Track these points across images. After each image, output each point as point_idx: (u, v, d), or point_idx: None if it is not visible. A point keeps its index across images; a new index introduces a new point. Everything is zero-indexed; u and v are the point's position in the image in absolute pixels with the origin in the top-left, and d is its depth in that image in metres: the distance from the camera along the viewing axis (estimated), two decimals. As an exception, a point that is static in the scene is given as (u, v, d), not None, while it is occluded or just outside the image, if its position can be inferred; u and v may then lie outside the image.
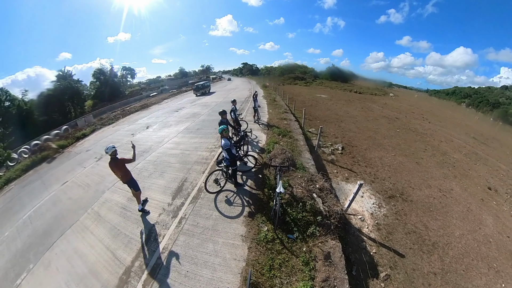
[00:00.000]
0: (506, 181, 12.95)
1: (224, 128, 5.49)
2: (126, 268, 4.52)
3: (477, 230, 7.35)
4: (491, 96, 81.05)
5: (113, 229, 5.66)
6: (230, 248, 4.52)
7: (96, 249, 5.21)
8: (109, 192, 7.42)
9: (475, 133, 28.41)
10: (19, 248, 5.94)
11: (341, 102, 31.19)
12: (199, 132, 12.17)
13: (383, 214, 6.75)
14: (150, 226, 5.52)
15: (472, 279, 5.37)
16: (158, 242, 4.96)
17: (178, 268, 4.28)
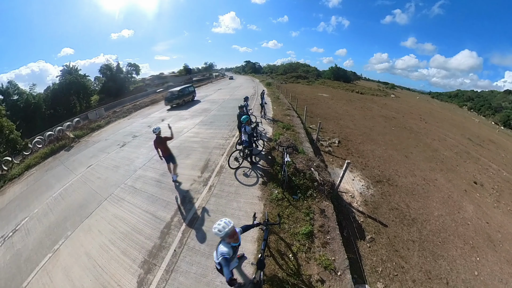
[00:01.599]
0: (495, 179, 14.02)
1: (248, 118, 7.22)
2: (166, 224, 5.65)
3: (456, 213, 8.51)
4: (493, 100, 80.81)
5: (151, 197, 6.83)
6: (250, 205, 5.88)
7: (136, 213, 6.25)
8: (141, 170, 8.68)
9: (471, 135, 29.29)
10: (53, 221, 6.77)
11: (341, 101, 32.34)
12: (213, 124, 13.58)
13: (370, 194, 8.04)
14: (185, 192, 6.83)
15: (448, 250, 6.43)
16: (193, 203, 6.24)
17: (211, 219, 5.52)
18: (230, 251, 2.71)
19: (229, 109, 17.83)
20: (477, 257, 6.45)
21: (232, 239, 2.76)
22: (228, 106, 19.04)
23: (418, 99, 72.30)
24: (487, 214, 9.06)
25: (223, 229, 2.68)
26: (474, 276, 5.79)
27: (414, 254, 5.88)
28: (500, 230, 8.12)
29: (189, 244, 4.97)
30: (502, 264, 6.44)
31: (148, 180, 7.87)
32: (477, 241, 7.15)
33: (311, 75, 72.49)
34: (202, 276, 4.24)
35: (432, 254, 6.04)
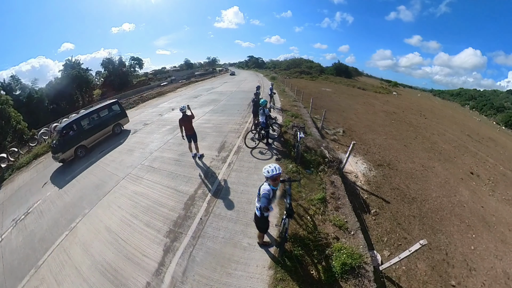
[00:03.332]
0: (491, 171, 14.72)
1: (266, 102, 8.14)
2: (190, 196, 5.94)
3: (452, 196, 9.21)
4: (496, 100, 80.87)
5: (171, 174, 7.13)
6: None
7: (156, 189, 6.46)
8: (157, 152, 9.05)
9: (471, 132, 29.72)
10: (68, 202, 6.85)
11: (344, 95, 32.96)
12: (224, 112, 14.29)
13: (372, 175, 8.74)
14: (206, 168, 7.33)
15: (446, 226, 7.12)
16: (215, 176, 6.73)
17: (235, 189, 6.03)
18: (271, 192, 3.31)
19: (238, 99, 18.45)
20: (473, 234, 7.09)
21: (273, 183, 3.28)
22: (237, 97, 19.68)
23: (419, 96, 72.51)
24: (482, 200, 9.72)
25: (272, 172, 3.19)
26: (471, 250, 6.43)
27: (415, 228, 6.57)
28: (494, 214, 8.78)
29: (215, 212, 5.27)
30: (497, 243, 7.06)
31: (166, 160, 8.24)
32: (473, 221, 7.80)
33: (314, 70, 72.76)
34: (230, 239, 4.50)
35: (431, 229, 6.73)
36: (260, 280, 3.75)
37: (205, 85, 33.43)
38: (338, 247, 4.04)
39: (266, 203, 3.22)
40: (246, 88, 26.77)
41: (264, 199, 3.22)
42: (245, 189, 6.04)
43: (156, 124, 13.40)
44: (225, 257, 4.18)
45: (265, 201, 3.22)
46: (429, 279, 5.04)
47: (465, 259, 6.01)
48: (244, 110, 14.32)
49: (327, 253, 4.03)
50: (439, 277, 5.20)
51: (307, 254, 4.07)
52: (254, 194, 5.61)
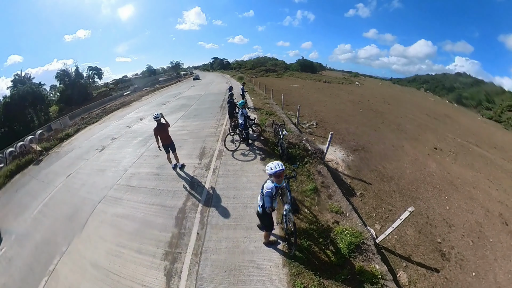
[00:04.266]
0: (451, 145, 16.58)
1: (244, 102, 7.95)
2: (179, 209, 5.47)
3: (423, 169, 10.21)
4: (446, 82, 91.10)
5: (153, 190, 6.43)
6: (257, 177, 6.32)
7: (140, 209, 5.76)
8: (133, 168, 8.10)
9: (429, 112, 32.88)
10: (40, 241, 5.72)
11: (311, 90, 34.12)
12: (198, 117, 13.74)
13: (351, 160, 9.13)
14: (190, 178, 6.85)
15: (422, 193, 8.04)
16: (202, 185, 6.35)
17: (226, 195, 5.76)
18: (274, 189, 3.24)
19: (209, 102, 18.05)
20: (445, 196, 8.11)
21: (277, 180, 3.21)
22: (207, 100, 19.23)
23: (380, 85, 77.65)
24: (447, 168, 10.97)
25: (275, 168, 3.13)
26: (446, 210, 7.31)
27: (397, 200, 7.13)
28: (459, 177, 10.04)
29: (211, 223, 4.95)
30: (466, 200, 8.19)
31: (144, 176, 7.45)
32: (443, 186, 8.86)
33: (279, 68, 74.44)
34: (234, 247, 4.29)
35: (410, 198, 7.42)
36: (278, 280, 3.68)
37: (171, 91, 32.24)
38: (340, 230, 4.30)
39: (270, 202, 3.13)
40: (215, 90, 26.40)
41: (268, 198, 3.15)
42: (237, 193, 5.84)
43: (125, 137, 12.33)
44: (235, 266, 3.97)
45: (269, 200, 3.14)
46: (419, 242, 5.60)
47: (443, 219, 6.81)
48: (218, 113, 14.06)
49: (331, 238, 4.23)
50: (426, 238, 5.84)
51: (314, 243, 4.15)
52: (248, 197, 5.59)
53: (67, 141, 15.83)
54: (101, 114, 22.65)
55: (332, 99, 26.97)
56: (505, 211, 8.45)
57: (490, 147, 23.07)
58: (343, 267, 3.78)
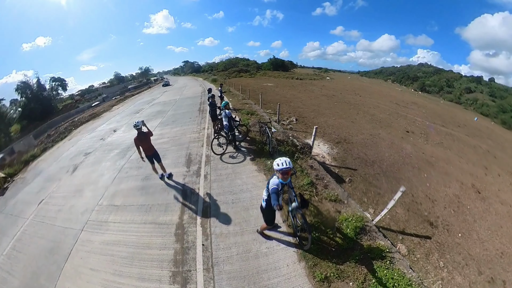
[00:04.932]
0: (421, 127, 18.34)
1: (227, 103, 7.50)
2: (177, 225, 4.97)
3: (400, 152, 10.96)
4: (410, 72, 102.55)
5: (142, 207, 5.82)
6: (252, 178, 6.30)
7: (131, 231, 5.11)
8: (114, 185, 7.24)
9: (398, 100, 35.73)
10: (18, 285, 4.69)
11: (286, 88, 34.68)
12: (176, 123, 13.11)
13: (335, 152, 9.39)
14: (181, 187, 6.36)
15: (403, 173, 8.69)
16: (196, 193, 5.95)
17: (224, 200, 5.50)
18: (280, 186, 3.19)
19: (186, 107, 17.58)
20: (424, 174, 8.91)
21: (283, 176, 3.16)
22: (183, 105, 18.73)
23: (349, 79, 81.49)
24: (421, 148, 12.04)
25: (283, 165, 3.08)
26: (427, 187, 8.04)
27: (383, 182, 7.57)
28: (433, 155, 11.10)
29: (215, 232, 4.64)
30: (442, 176, 9.21)
31: (128, 192, 6.69)
32: (421, 165, 9.74)
33: (252, 68, 74.89)
34: (246, 252, 4.13)
35: (394, 179, 7.93)
36: (298, 276, 3.69)
37: (143, 98, 31.00)
38: (344, 218, 4.56)
39: (276, 200, 3.07)
40: (190, 94, 25.83)
41: (274, 195, 3.08)
42: (235, 197, 5.65)
43: (100, 151, 11.24)
44: (252, 272, 3.79)
45: (275, 197, 3.07)
46: (408, 217, 6.14)
47: (426, 195, 7.51)
48: (197, 117, 13.71)
49: (337, 226, 4.45)
50: (414, 214, 6.40)
51: (322, 234, 4.24)
52: (247, 199, 5.50)
53: (34, 163, 14.09)
54: (69, 128, 21.13)
55: (307, 95, 27.63)
56: (476, 182, 9.81)
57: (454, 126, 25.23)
58: (353, 249, 4.00)
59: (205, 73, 79.26)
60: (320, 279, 3.54)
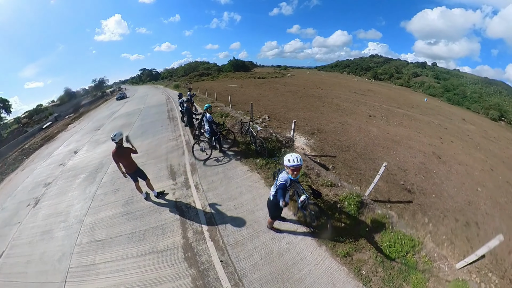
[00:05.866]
0: (380, 111, 20.33)
1: (209, 106, 7.19)
2: (183, 247, 4.41)
3: (368, 134, 11.98)
4: (363, 64, 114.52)
5: (133, 236, 4.95)
6: (247, 179, 6.26)
7: (130, 268, 4.28)
8: (90, 216, 6.03)
9: (356, 89, 38.86)
10: None
11: (250, 87, 35.03)
12: (147, 134, 12.26)
13: (312, 143, 9.88)
14: (173, 203, 5.74)
15: (376, 153, 9.53)
16: (193, 207, 5.46)
17: (226, 207, 5.24)
18: (288, 182, 3.16)
19: (153, 115, 16.75)
20: (393, 151, 10.04)
21: (293, 173, 3.14)
22: (150, 113, 17.82)
23: (308, 74, 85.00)
24: (385, 130, 13.35)
25: (293, 162, 3.07)
26: (397, 161, 9.12)
27: (361, 164, 8.24)
28: (397, 134, 12.58)
29: (229, 243, 4.35)
30: (408, 150, 10.55)
31: (111, 221, 5.63)
32: (388, 144, 10.89)
33: (212, 71, 74.23)
34: (269, 253, 4.05)
35: (370, 159, 8.73)
36: (324, 259, 3.95)
37: (102, 112, 28.79)
38: (343, 197, 5.07)
39: (282, 195, 3.07)
40: (154, 102, 24.67)
41: (281, 190, 3.09)
42: (236, 201, 5.46)
43: (63, 179, 9.25)
44: (281, 270, 3.78)
45: (281, 193, 3.08)
46: (389, 189, 6.97)
47: (398, 167, 8.55)
48: (169, 124, 13.18)
49: (339, 206, 4.91)
50: (393, 184, 7.31)
51: (329, 217, 4.40)
52: (249, 201, 5.41)
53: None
54: (20, 158, 18.73)
55: (273, 93, 28.25)
56: (435, 150, 11.60)
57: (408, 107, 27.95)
58: (360, 224, 4.53)
59: (164, 80, 76.24)
60: (343, 255, 3.94)
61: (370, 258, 3.93)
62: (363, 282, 3.60)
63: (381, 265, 3.83)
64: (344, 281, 3.63)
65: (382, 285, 3.58)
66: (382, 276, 3.69)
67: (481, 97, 72.60)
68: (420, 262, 3.86)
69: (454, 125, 23.05)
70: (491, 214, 7.07)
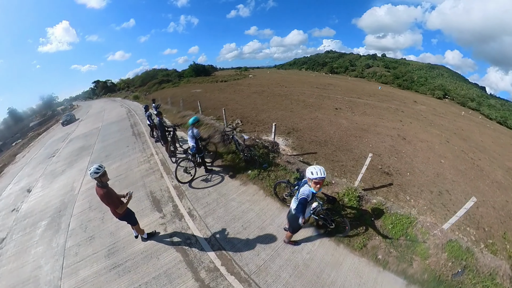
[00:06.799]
0: (343, 103, 21.62)
1: (197, 119, 6.24)
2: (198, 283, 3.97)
3: (340, 127, 12.56)
4: (320, 59, 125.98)
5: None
6: (244, 194, 5.94)
7: None
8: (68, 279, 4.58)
9: (317, 84, 40.66)
10: None
11: (215, 92, 34.43)
12: (112, 157, 10.64)
13: (291, 142, 9.97)
14: (169, 243, 4.84)
15: (351, 144, 10.02)
16: (195, 239, 4.80)
17: (233, 231, 4.76)
18: (310, 195, 2.97)
19: (115, 133, 15.23)
20: (364, 139, 10.76)
21: (315, 186, 2.98)
22: (111, 131, 16.19)
23: (269, 73, 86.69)
24: (353, 120, 14.23)
25: (317, 174, 2.89)
26: (371, 147, 9.84)
27: (340, 155, 8.65)
28: (364, 123, 13.49)
29: (251, 270, 4.02)
30: (376, 136, 11.43)
31: (97, 281, 4.37)
32: (359, 133, 11.66)
33: (173, 77, 71.71)
34: (295, 268, 3.99)
35: (347, 150, 9.24)
36: (345, 256, 4.23)
37: (55, 134, 25.67)
38: (343, 193, 5.35)
39: (302, 211, 2.84)
40: (114, 117, 22.69)
41: (301, 206, 2.86)
42: (242, 221, 5.04)
43: (19, 231, 6.98)
44: (313, 280, 3.85)
45: (301, 208, 2.85)
46: (371, 175, 7.44)
47: (373, 153, 9.31)
48: (136, 142, 12.06)
49: (341, 203, 5.19)
50: (372, 170, 7.75)
51: (343, 217, 4.55)
52: (256, 219, 5.10)
53: None
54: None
55: (239, 95, 28.10)
56: (399, 132, 12.99)
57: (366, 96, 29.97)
58: (363, 215, 4.89)
59: (122, 92, 71.39)
60: (360, 247, 4.31)
61: (382, 243, 4.35)
62: (382, 266, 4.02)
63: (391, 246, 4.30)
64: (368, 271, 3.95)
65: (398, 263, 4.03)
66: (395, 255, 4.15)
67: (427, 81, 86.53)
68: (419, 234, 4.40)
69: (408, 108, 25.43)
70: (456, 181, 8.21)
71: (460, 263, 3.96)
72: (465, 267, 3.91)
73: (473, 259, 4.00)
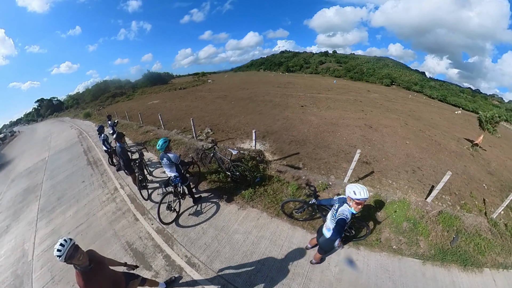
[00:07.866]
0: (307, 100, 22.26)
1: (166, 141, 4.82)
2: None
3: (312, 124, 12.60)
4: (275, 60, 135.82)
5: None
6: (246, 220, 5.42)
7: None
8: None
9: (278, 84, 41.78)
10: None
11: (176, 100, 32.71)
12: (66, 200, 8.34)
13: (269, 146, 9.54)
14: None
15: (326, 139, 10.08)
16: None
17: (251, 271, 4.19)
18: (349, 216, 2.69)
19: (66, 165, 12.61)
20: (337, 133, 11.03)
21: (356, 206, 2.71)
22: (61, 163, 13.40)
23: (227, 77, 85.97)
24: (321, 116, 14.52)
25: (360, 195, 2.63)
26: (345, 140, 10.10)
27: (321, 153, 8.56)
28: (332, 117, 13.97)
29: None
30: (346, 128, 11.84)
31: None
32: (330, 127, 11.92)
33: (126, 89, 66.80)
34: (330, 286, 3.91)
35: (325, 146, 9.23)
36: (369, 256, 4.44)
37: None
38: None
39: (340, 233, 2.60)
40: (62, 143, 19.62)
41: (340, 227, 2.60)
42: (257, 256, 4.46)
43: None
44: None
45: (339, 230, 2.60)
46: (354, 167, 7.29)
47: (348, 145, 9.51)
48: (93, 174, 10.01)
49: None
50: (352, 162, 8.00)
51: (362, 221, 4.67)
52: (271, 247, 4.56)
53: None
54: None
55: (202, 102, 27.06)
56: (365, 122, 13.60)
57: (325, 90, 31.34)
58: (368, 210, 5.21)
59: (71, 110, 63.95)
60: (378, 242, 4.64)
61: (391, 233, 4.75)
62: (401, 254, 4.43)
63: (399, 233, 4.75)
64: (391, 263, 4.29)
65: (408, 247, 4.52)
66: (405, 241, 4.61)
67: (375, 71, 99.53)
68: (416, 214, 4.97)
69: (364, 97, 27.23)
70: (423, 158, 8.88)
71: (453, 230, 4.61)
72: (457, 232, 4.57)
73: (461, 222, 4.72)
